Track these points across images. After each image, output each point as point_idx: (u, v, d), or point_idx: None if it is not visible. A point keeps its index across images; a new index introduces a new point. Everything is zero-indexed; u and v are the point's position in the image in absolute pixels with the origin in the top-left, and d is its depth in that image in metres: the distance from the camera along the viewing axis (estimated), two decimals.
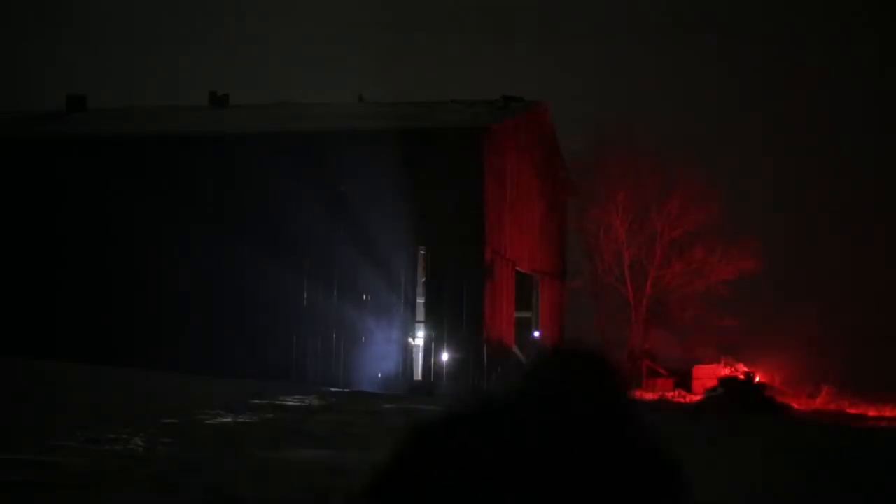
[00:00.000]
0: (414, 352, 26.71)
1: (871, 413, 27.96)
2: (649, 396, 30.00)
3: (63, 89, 41.34)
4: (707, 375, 31.51)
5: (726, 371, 32.17)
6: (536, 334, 30.66)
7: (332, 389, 23.03)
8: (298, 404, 17.92)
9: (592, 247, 36.78)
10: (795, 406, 29.02)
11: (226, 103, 33.26)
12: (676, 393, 30.75)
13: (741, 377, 30.03)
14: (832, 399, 31.59)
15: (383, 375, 26.13)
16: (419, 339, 26.58)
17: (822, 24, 75.59)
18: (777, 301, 41.51)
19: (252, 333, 26.70)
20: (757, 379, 30.41)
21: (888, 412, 28.03)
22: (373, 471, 2.34)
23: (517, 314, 30.39)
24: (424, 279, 26.97)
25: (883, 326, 40.33)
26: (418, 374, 26.68)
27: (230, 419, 14.56)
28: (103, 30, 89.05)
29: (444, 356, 26.30)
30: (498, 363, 26.41)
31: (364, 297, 26.76)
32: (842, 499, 10.59)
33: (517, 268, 30.13)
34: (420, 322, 26.75)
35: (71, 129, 30.05)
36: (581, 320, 37.13)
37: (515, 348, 28.55)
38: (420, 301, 26.94)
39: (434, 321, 26.37)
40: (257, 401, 17.65)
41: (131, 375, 20.94)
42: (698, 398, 28.63)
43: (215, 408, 15.64)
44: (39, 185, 28.26)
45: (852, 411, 28.72)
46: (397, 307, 26.52)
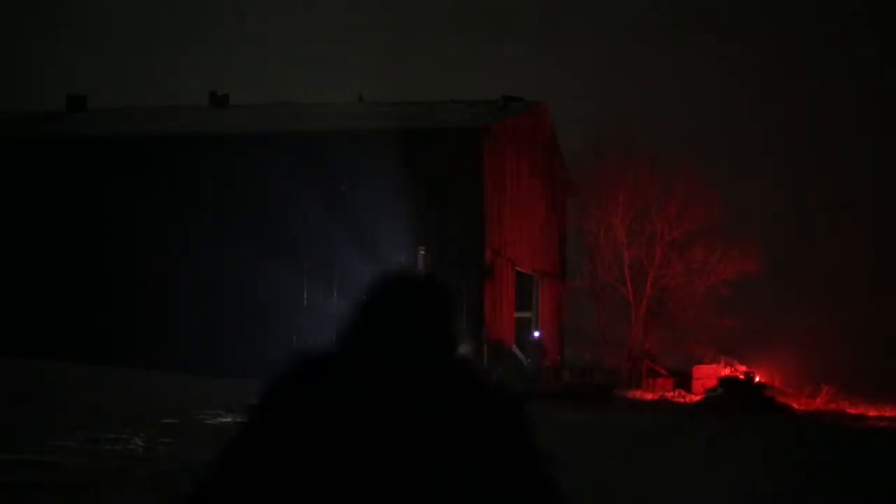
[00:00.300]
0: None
1: (871, 413, 27.93)
2: (649, 396, 29.97)
3: (63, 89, 41.37)
4: (707, 375, 31.45)
5: (726, 371, 32.11)
6: (536, 334, 30.64)
7: None
8: None
9: (592, 247, 36.71)
10: (795, 406, 28.99)
11: (226, 103, 33.25)
12: (676, 393, 30.68)
13: (741, 377, 30.01)
14: (832, 399, 31.53)
15: None
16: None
17: (822, 25, 75.60)
18: (777, 301, 41.49)
19: (252, 333, 26.69)
20: (757, 379, 30.40)
21: (888, 412, 28.00)
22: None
23: (517, 314, 30.38)
24: None
25: (883, 326, 40.31)
26: None
27: (230, 419, 14.56)
28: (103, 30, 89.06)
29: None
30: (498, 363, 26.40)
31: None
32: (842, 499, 10.59)
33: (517, 268, 30.12)
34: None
35: (71, 129, 30.04)
36: (581, 320, 37.08)
37: (515, 348, 28.54)
38: None
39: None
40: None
41: (131, 375, 20.95)
42: (698, 398, 28.61)
43: (215, 408, 15.65)
44: (39, 186, 28.26)
45: (852, 411, 28.68)
46: None
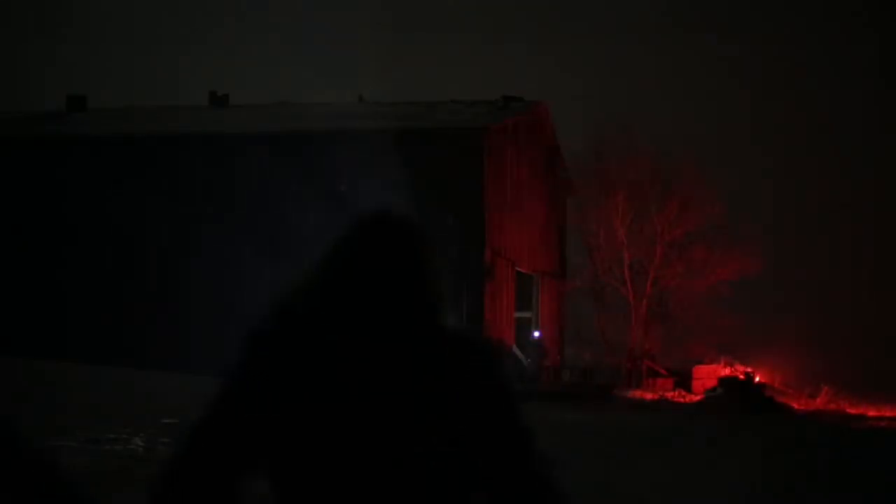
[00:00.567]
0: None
1: (871, 413, 27.92)
2: (649, 396, 29.95)
3: (63, 89, 41.34)
4: (707, 375, 31.44)
5: (726, 371, 32.10)
6: (536, 334, 30.64)
7: None
8: None
9: (592, 247, 36.70)
10: (795, 406, 29.00)
11: (226, 103, 33.24)
12: (676, 393, 30.66)
13: (741, 377, 29.99)
14: (832, 399, 31.53)
15: None
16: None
17: (822, 25, 75.60)
18: (777, 301, 41.49)
19: None
20: (757, 379, 30.39)
21: (888, 412, 27.99)
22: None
23: (517, 314, 30.38)
24: None
25: (883, 326, 40.31)
26: None
27: None
28: (103, 30, 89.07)
29: None
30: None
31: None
32: (842, 499, 10.59)
33: (517, 268, 30.12)
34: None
35: (71, 129, 30.04)
36: (581, 320, 37.08)
37: (515, 348, 28.54)
38: None
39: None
40: None
41: (131, 375, 20.94)
42: (698, 398, 28.61)
43: None
44: (39, 186, 28.26)
45: (852, 411, 28.67)
46: None
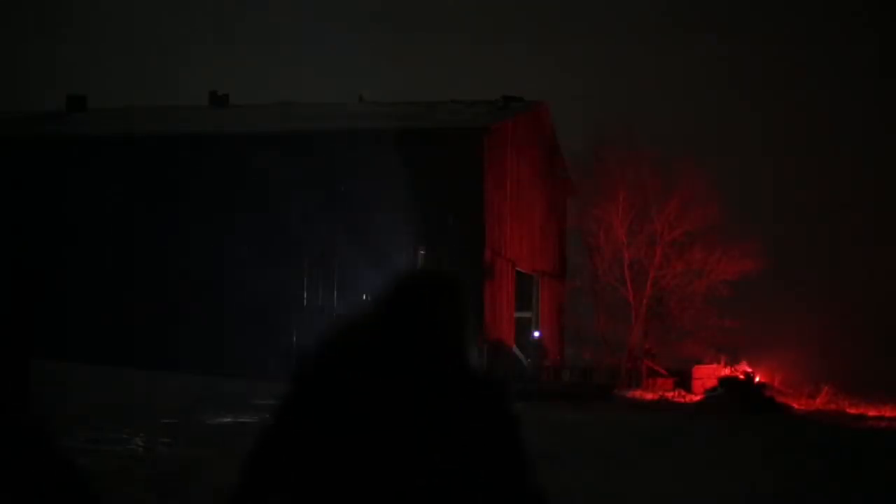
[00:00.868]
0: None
1: (871, 413, 27.89)
2: (649, 396, 29.94)
3: (63, 89, 41.35)
4: (707, 375, 31.43)
5: (726, 371, 32.10)
6: (536, 334, 30.63)
7: None
8: None
9: (592, 247, 36.67)
10: (795, 406, 28.97)
11: (226, 103, 33.23)
12: (676, 393, 30.65)
13: (741, 377, 29.96)
14: (832, 399, 31.51)
15: None
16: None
17: (823, 24, 75.61)
18: (777, 301, 41.47)
19: (252, 333, 26.68)
20: (757, 379, 30.37)
21: (888, 412, 27.97)
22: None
23: (517, 314, 30.37)
24: None
25: (883, 326, 40.30)
26: None
27: (230, 419, 14.57)
28: (103, 30, 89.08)
29: None
30: (498, 363, 26.39)
31: (364, 297, 26.74)
32: (842, 499, 10.59)
33: (517, 268, 30.12)
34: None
35: (71, 129, 30.03)
36: (581, 320, 37.07)
37: (515, 348, 28.53)
38: None
39: None
40: (257, 401, 17.65)
41: (131, 375, 20.95)
42: (698, 398, 28.59)
43: (215, 408, 15.65)
44: (39, 185, 28.25)
45: (852, 411, 28.65)
46: None
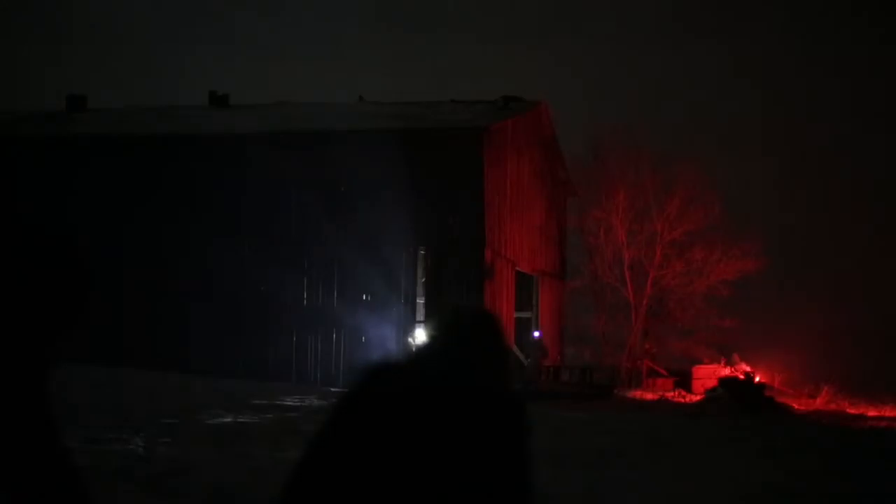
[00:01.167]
0: (411, 348, 26.68)
1: (871, 413, 27.90)
2: (649, 396, 29.95)
3: (63, 89, 41.36)
4: (707, 375, 31.46)
5: (726, 371, 32.12)
6: (536, 334, 30.62)
7: (333, 389, 23.02)
8: (298, 404, 17.91)
9: (592, 247, 36.73)
10: (795, 406, 28.97)
11: (226, 103, 33.24)
12: (676, 393, 30.67)
13: (741, 377, 29.96)
14: (832, 399, 31.54)
15: None
16: (419, 339, 26.56)
17: (823, 24, 75.65)
18: (777, 301, 41.51)
19: (252, 333, 26.70)
20: (757, 379, 30.35)
21: (888, 412, 27.98)
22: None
23: (517, 314, 30.39)
24: (424, 279, 26.96)
25: (883, 327, 40.33)
26: None
27: (230, 419, 14.57)
28: (103, 30, 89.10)
29: None
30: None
31: (364, 297, 26.75)
32: (842, 499, 10.59)
33: (517, 268, 30.13)
34: (420, 322, 26.74)
35: (71, 129, 30.04)
36: (581, 320, 37.10)
37: (515, 348, 28.52)
38: (420, 301, 26.92)
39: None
40: (257, 401, 17.65)
41: (131, 375, 20.95)
42: (698, 398, 28.59)
43: (215, 408, 15.64)
44: (39, 185, 28.24)
45: (852, 411, 28.66)
46: (397, 307, 26.51)
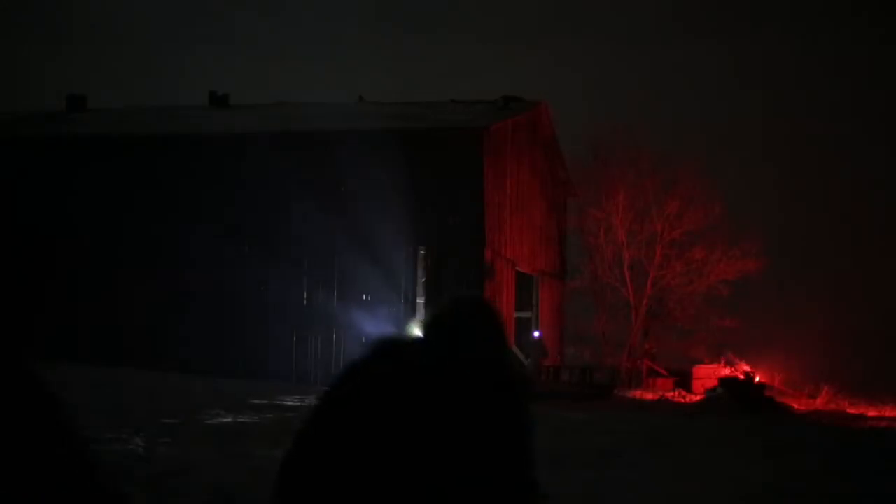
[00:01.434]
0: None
1: (871, 413, 27.90)
2: (649, 396, 29.95)
3: (63, 89, 41.38)
4: (707, 375, 31.45)
5: (726, 371, 32.12)
6: (536, 334, 30.62)
7: None
8: (298, 404, 17.92)
9: (592, 247, 36.72)
10: (795, 406, 28.98)
11: (226, 103, 33.24)
12: (676, 393, 30.66)
13: (741, 377, 29.98)
14: (832, 399, 31.55)
15: None
16: (415, 330, 26.52)
17: (823, 24, 75.64)
18: (777, 301, 41.50)
19: (252, 333, 26.69)
20: (757, 379, 30.37)
21: (888, 412, 27.98)
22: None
23: (517, 314, 30.37)
24: (424, 279, 26.95)
25: (883, 327, 40.33)
26: None
27: (230, 419, 14.58)
28: (103, 30, 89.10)
29: None
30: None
31: (364, 297, 26.75)
32: (842, 499, 10.59)
33: (517, 268, 30.12)
34: (420, 322, 26.71)
35: (71, 129, 30.03)
36: (581, 320, 37.09)
37: (515, 348, 28.51)
38: (420, 301, 26.92)
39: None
40: (257, 401, 17.67)
41: (131, 375, 20.96)
42: (698, 398, 28.59)
43: (215, 408, 15.66)
44: (39, 185, 28.24)
45: (852, 411, 28.66)
46: (397, 307, 26.51)
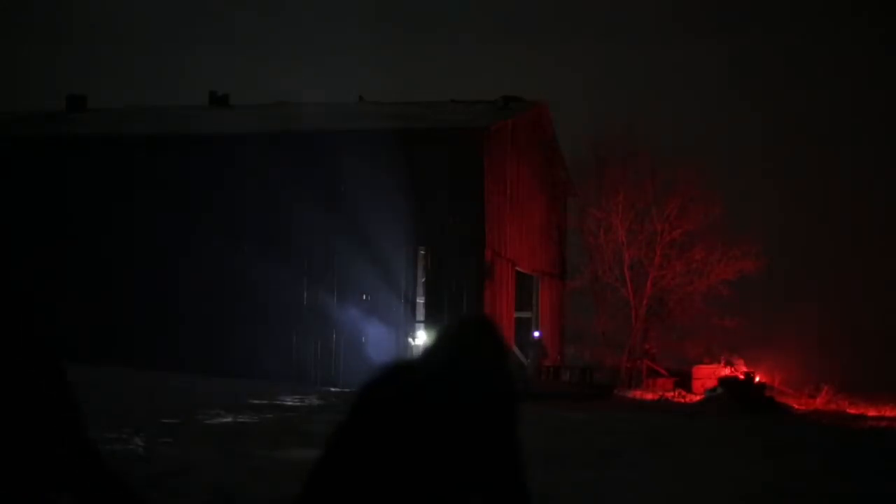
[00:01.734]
0: (414, 352, 26.64)
1: (871, 413, 27.90)
2: (649, 396, 29.95)
3: (63, 89, 41.34)
4: (707, 375, 31.44)
5: (726, 371, 32.10)
6: (536, 334, 30.63)
7: (332, 389, 23.05)
8: (298, 404, 17.93)
9: (592, 247, 36.68)
10: (795, 406, 28.98)
11: (226, 103, 33.23)
12: (676, 393, 30.66)
13: (741, 377, 29.98)
14: (832, 399, 31.54)
15: None
16: (419, 340, 26.56)
17: (823, 24, 75.64)
18: (777, 301, 41.49)
19: (252, 333, 26.68)
20: (757, 379, 30.38)
21: (888, 412, 27.98)
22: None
23: (517, 314, 30.37)
24: (424, 279, 26.95)
25: (883, 327, 40.32)
26: None
27: (230, 419, 14.58)
28: (104, 30, 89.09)
29: None
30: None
31: (364, 297, 26.74)
32: (842, 499, 10.59)
33: (517, 268, 30.12)
34: (420, 322, 26.73)
35: (71, 129, 30.03)
36: (581, 320, 37.06)
37: (515, 348, 28.52)
38: (420, 301, 26.92)
39: (434, 321, 26.36)
40: (257, 401, 17.68)
41: (131, 375, 20.96)
42: (698, 398, 28.60)
43: (215, 408, 15.66)
44: (39, 185, 28.24)
45: (852, 411, 28.66)
46: (397, 307, 26.50)
